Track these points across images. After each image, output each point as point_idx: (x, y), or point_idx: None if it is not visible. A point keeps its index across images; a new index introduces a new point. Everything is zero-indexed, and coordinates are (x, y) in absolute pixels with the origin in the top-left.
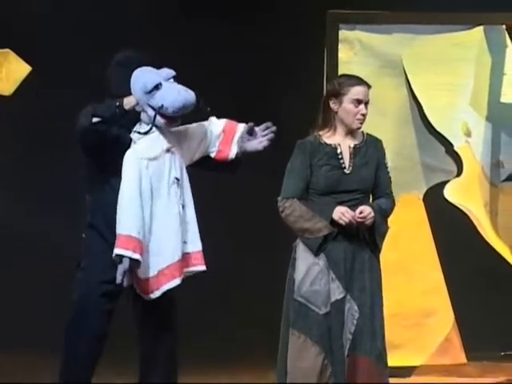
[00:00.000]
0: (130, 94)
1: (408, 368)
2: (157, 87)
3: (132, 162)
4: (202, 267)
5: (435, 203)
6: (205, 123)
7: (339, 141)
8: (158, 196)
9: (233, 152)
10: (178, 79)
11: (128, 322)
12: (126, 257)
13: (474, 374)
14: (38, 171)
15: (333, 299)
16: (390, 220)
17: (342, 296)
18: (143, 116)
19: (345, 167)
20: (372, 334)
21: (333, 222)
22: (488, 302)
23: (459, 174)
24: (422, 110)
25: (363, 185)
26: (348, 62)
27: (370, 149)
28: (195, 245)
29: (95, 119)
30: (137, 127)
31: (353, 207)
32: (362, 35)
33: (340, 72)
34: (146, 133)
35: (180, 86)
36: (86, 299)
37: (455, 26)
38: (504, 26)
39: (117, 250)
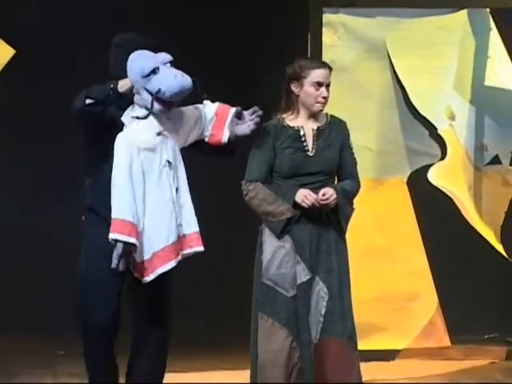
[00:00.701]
0: (122, 74)
1: (392, 351)
2: (154, 71)
3: (123, 146)
4: (199, 248)
5: (419, 187)
6: (199, 106)
7: (302, 123)
8: (149, 179)
9: (225, 136)
10: (174, 64)
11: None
12: (121, 241)
13: (458, 356)
14: (25, 159)
15: (299, 282)
16: (372, 203)
17: (307, 278)
18: (137, 99)
19: (308, 150)
20: (342, 315)
21: (296, 205)
22: (472, 286)
23: (443, 157)
24: (406, 94)
25: (327, 167)
26: (332, 46)
27: (334, 131)
28: (191, 226)
29: (88, 101)
30: (129, 110)
31: (317, 189)
32: (345, 19)
33: (324, 56)
34: (144, 118)
35: (177, 71)
36: (93, 280)
37: (439, 9)
38: (488, 9)
39: (112, 235)
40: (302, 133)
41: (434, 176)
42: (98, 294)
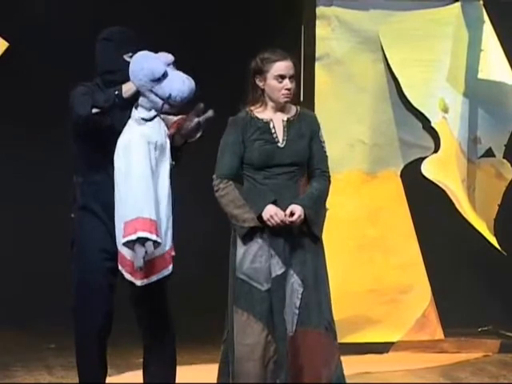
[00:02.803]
0: (114, 68)
1: (385, 344)
2: (164, 76)
3: (142, 145)
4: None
5: (413, 179)
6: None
7: (271, 115)
8: (158, 181)
9: (173, 139)
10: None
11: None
12: (151, 240)
13: (452, 349)
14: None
15: (273, 275)
16: (366, 197)
17: (282, 271)
18: (142, 101)
19: (278, 141)
20: (318, 306)
21: (261, 218)
22: (465, 278)
23: (436, 150)
24: (400, 86)
25: (297, 158)
26: (325, 39)
27: (304, 122)
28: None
29: (95, 110)
30: (136, 112)
31: (288, 180)
32: (339, 11)
33: (318, 49)
34: (150, 120)
35: (183, 74)
36: (89, 277)
37: (432, 1)
38: (481, 2)
39: (141, 233)
40: (271, 125)
41: (428, 169)
42: (93, 295)
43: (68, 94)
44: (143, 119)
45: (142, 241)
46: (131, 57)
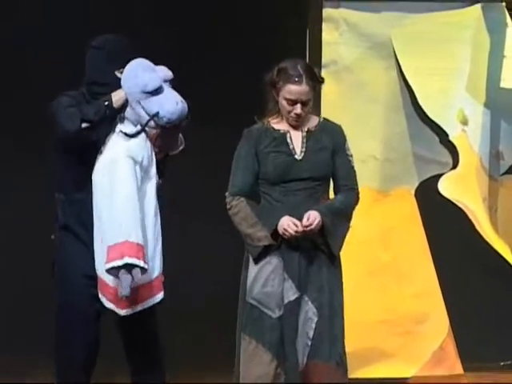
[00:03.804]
0: (102, 80)
1: (399, 379)
2: (157, 90)
3: (127, 163)
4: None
5: (428, 198)
6: None
7: (289, 126)
8: (144, 201)
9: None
10: (173, 82)
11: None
12: (139, 266)
13: None
14: None
15: (286, 301)
16: (377, 216)
17: (295, 297)
18: (128, 113)
19: (295, 153)
20: (332, 338)
21: (277, 233)
22: (486, 307)
23: (455, 166)
24: (414, 96)
25: (317, 172)
26: (333, 44)
27: (326, 134)
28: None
29: (85, 124)
30: (121, 126)
31: (308, 197)
32: (347, 13)
33: (324, 55)
34: (133, 136)
35: (177, 95)
36: (71, 304)
37: (450, 3)
38: (504, 4)
39: (129, 259)
40: (288, 136)
41: (445, 186)
42: (77, 324)
43: (49, 104)
44: (126, 134)
45: (129, 267)
46: (122, 72)
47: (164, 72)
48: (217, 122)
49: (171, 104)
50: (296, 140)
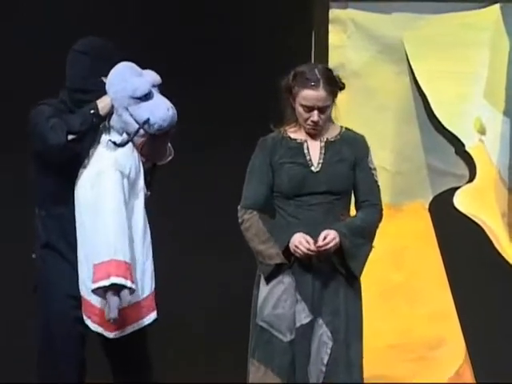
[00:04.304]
0: (86, 87)
1: None
2: (146, 96)
3: (114, 175)
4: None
5: (443, 213)
6: None
7: (307, 135)
8: (132, 216)
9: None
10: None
11: None
12: (126, 287)
13: None
14: None
15: (298, 324)
16: (388, 233)
17: (308, 320)
18: (114, 121)
19: (312, 165)
20: (348, 365)
21: (289, 250)
22: (506, 330)
23: (471, 178)
24: (428, 103)
25: (335, 186)
26: (340, 47)
27: (347, 145)
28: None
29: (71, 136)
30: (106, 135)
31: (325, 213)
32: (356, 14)
33: (330, 59)
34: (121, 145)
35: (167, 101)
36: (55, 328)
37: (467, 3)
38: None
39: (115, 279)
40: (305, 146)
41: (461, 201)
42: (61, 349)
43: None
44: (114, 144)
45: (116, 288)
46: None
47: (152, 76)
48: (214, 127)
49: (162, 110)
50: (313, 150)
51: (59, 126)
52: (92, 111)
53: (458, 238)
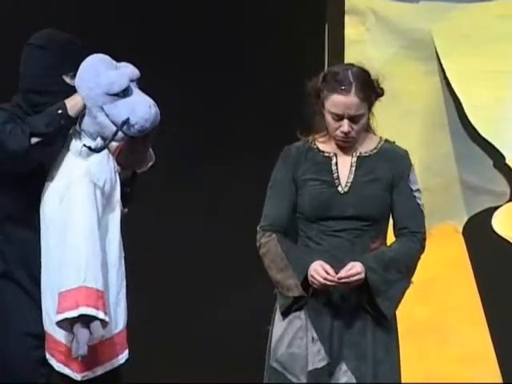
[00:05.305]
0: (44, 88)
1: None
2: (124, 92)
3: (86, 188)
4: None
5: (480, 237)
6: None
7: (337, 148)
8: (106, 237)
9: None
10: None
11: None
12: (98, 318)
13: None
14: None
15: (310, 367)
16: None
17: (323, 364)
18: (87, 124)
19: (339, 184)
20: None
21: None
22: None
23: None
24: (462, 108)
25: (364, 210)
26: (358, 42)
27: (384, 161)
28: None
29: (35, 139)
30: (77, 140)
31: (354, 242)
32: (376, 4)
33: (347, 55)
34: (98, 150)
35: (147, 97)
36: (13, 371)
37: None
38: None
39: (84, 309)
40: (333, 161)
41: (501, 223)
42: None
43: None
44: (90, 149)
45: (85, 320)
46: (73, 77)
47: (130, 69)
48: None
49: (144, 108)
50: (343, 167)
51: (20, 128)
52: (59, 111)
53: (496, 266)
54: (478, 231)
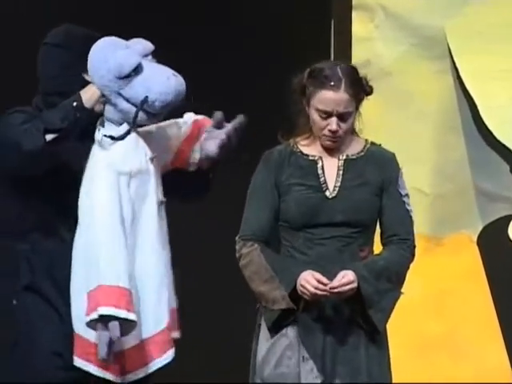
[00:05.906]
0: (66, 88)
1: None
2: (136, 70)
3: (108, 179)
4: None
5: (495, 247)
6: (179, 120)
7: (323, 150)
8: (137, 228)
9: (195, 153)
10: (156, 55)
11: None
12: (119, 318)
13: None
14: None
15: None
16: (427, 273)
17: (318, 382)
18: (110, 113)
19: (327, 188)
20: None
21: (297, 293)
22: None
23: None
24: (476, 110)
25: (354, 216)
26: (366, 39)
27: (372, 164)
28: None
29: (50, 136)
30: (101, 131)
31: (342, 250)
32: None
33: (354, 54)
34: (122, 138)
35: (166, 68)
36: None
37: None
38: None
39: (103, 309)
40: (319, 164)
41: None
42: None
43: None
44: (112, 138)
45: (108, 319)
46: None
47: (141, 44)
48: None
49: (161, 81)
50: (329, 170)
51: (34, 126)
52: (75, 103)
53: None
54: (493, 241)
